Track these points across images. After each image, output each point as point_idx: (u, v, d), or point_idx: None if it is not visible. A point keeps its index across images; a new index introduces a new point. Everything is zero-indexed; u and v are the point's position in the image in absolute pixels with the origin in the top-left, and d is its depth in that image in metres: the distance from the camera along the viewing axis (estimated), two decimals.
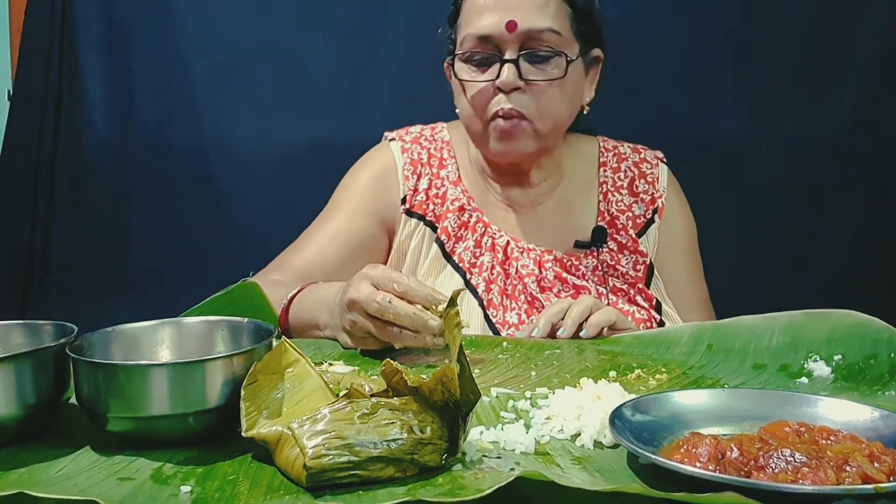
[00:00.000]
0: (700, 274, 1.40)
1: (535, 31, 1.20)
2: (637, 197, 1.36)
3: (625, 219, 1.34)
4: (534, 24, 1.20)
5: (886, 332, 0.91)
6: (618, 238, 1.33)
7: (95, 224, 2.08)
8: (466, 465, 0.64)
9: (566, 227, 1.34)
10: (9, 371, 0.68)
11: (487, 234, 1.31)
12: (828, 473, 0.57)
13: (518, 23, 1.19)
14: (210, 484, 0.63)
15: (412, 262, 1.33)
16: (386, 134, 1.43)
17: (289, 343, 0.74)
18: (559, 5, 1.23)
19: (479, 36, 1.21)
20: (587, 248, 1.32)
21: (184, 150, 2.00)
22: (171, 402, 0.68)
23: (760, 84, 1.88)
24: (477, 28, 1.21)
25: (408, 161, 1.36)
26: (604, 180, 1.37)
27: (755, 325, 0.99)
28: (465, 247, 1.31)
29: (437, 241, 1.32)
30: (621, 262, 1.32)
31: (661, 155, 1.41)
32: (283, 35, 2.01)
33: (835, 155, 1.89)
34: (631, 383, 0.88)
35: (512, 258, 1.30)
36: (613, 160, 1.39)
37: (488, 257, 1.30)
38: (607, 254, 1.32)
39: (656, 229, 1.35)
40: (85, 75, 2.04)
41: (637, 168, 1.38)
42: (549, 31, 1.21)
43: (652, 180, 1.37)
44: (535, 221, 1.34)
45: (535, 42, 1.21)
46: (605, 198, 1.36)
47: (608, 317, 1.10)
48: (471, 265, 1.30)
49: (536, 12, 1.21)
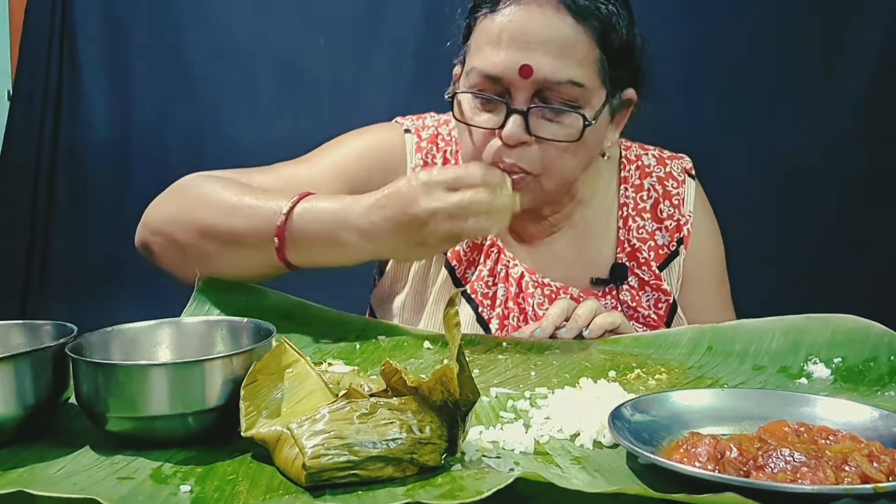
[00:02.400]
0: (727, 301, 1.28)
1: (552, 82, 1.02)
2: (661, 224, 1.22)
3: (647, 250, 1.21)
4: (552, 75, 1.02)
5: (887, 336, 0.91)
6: (639, 273, 1.21)
7: (95, 224, 2.09)
8: (466, 464, 0.64)
9: (583, 260, 1.22)
10: (8, 371, 0.68)
11: (501, 263, 1.19)
12: (827, 473, 0.57)
13: (534, 69, 1.01)
14: (209, 483, 0.63)
15: (417, 285, 1.22)
16: (399, 120, 1.27)
17: (288, 343, 0.74)
18: (589, 49, 1.04)
19: (487, 74, 1.05)
20: (605, 285, 1.20)
21: (184, 149, 2.01)
22: (170, 402, 0.68)
23: (761, 85, 1.88)
24: (486, 64, 1.04)
25: (419, 162, 1.22)
26: (624, 202, 1.23)
27: (755, 328, 0.99)
28: (479, 275, 1.19)
29: (447, 265, 1.21)
30: (642, 301, 1.20)
31: (689, 165, 1.27)
32: (283, 35, 2.01)
33: (834, 157, 1.89)
34: (630, 383, 0.88)
35: (526, 293, 1.17)
36: (636, 175, 1.24)
37: (502, 290, 1.18)
38: (627, 292, 1.20)
39: (681, 262, 1.22)
40: (85, 75, 2.05)
41: (662, 186, 1.23)
42: (570, 84, 1.03)
43: (678, 202, 1.23)
44: (550, 251, 1.22)
45: (551, 93, 1.03)
46: (625, 224, 1.22)
47: (613, 320, 1.07)
48: (484, 296, 1.19)
49: (558, 58, 1.02)
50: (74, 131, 2.06)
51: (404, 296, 1.23)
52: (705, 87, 1.90)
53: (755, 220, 1.89)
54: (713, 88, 1.90)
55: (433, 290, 1.21)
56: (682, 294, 1.23)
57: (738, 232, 1.82)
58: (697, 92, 1.89)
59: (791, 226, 1.91)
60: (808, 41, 1.87)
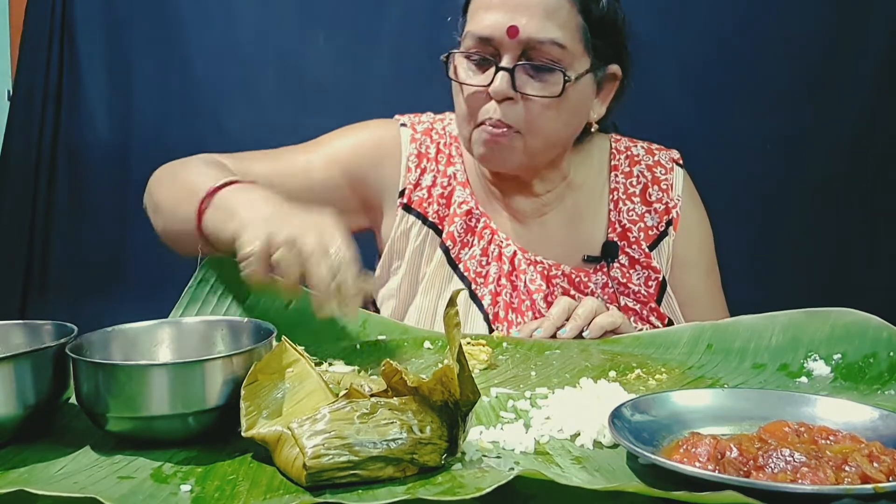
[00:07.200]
0: (717, 287, 1.32)
1: (536, 41, 1.11)
2: (650, 206, 1.28)
3: (637, 231, 1.26)
4: (536, 34, 1.11)
5: (886, 331, 0.90)
6: (629, 252, 1.26)
7: (95, 224, 2.09)
8: (466, 464, 0.65)
9: (575, 239, 1.27)
10: (9, 371, 0.68)
11: (494, 243, 1.25)
12: (827, 473, 0.57)
13: (520, 29, 1.11)
14: (210, 483, 0.63)
15: (412, 266, 1.27)
16: (398, 117, 1.34)
17: (289, 343, 0.74)
18: (570, 14, 1.13)
19: (479, 36, 1.14)
20: (597, 262, 1.25)
21: (184, 149, 2.00)
22: (170, 402, 0.68)
23: (763, 83, 1.88)
24: (478, 27, 1.14)
25: (414, 153, 1.28)
26: (615, 187, 1.28)
27: (755, 325, 0.99)
28: (472, 254, 1.25)
29: (441, 246, 1.26)
30: (633, 278, 1.25)
31: (677, 156, 1.32)
32: (283, 35, 2.01)
33: (834, 153, 1.89)
34: (631, 383, 0.88)
35: (519, 270, 1.23)
36: (625, 164, 1.30)
37: (495, 268, 1.23)
38: (618, 269, 1.25)
39: (670, 242, 1.27)
40: (85, 74, 2.05)
41: (651, 172, 1.29)
42: (552, 44, 1.12)
43: (666, 187, 1.28)
44: (543, 231, 1.27)
45: (535, 52, 1.12)
46: (615, 206, 1.28)
47: (613, 320, 1.08)
48: (476, 274, 1.24)
49: (542, 19, 1.11)
50: (74, 131, 2.06)
51: (400, 277, 1.27)
52: (705, 87, 1.90)
53: (753, 215, 1.89)
54: (711, 86, 1.90)
55: (428, 270, 1.26)
56: (672, 275, 1.27)
57: (736, 228, 1.83)
58: (695, 90, 1.89)
59: (791, 222, 1.91)
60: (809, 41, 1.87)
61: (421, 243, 1.27)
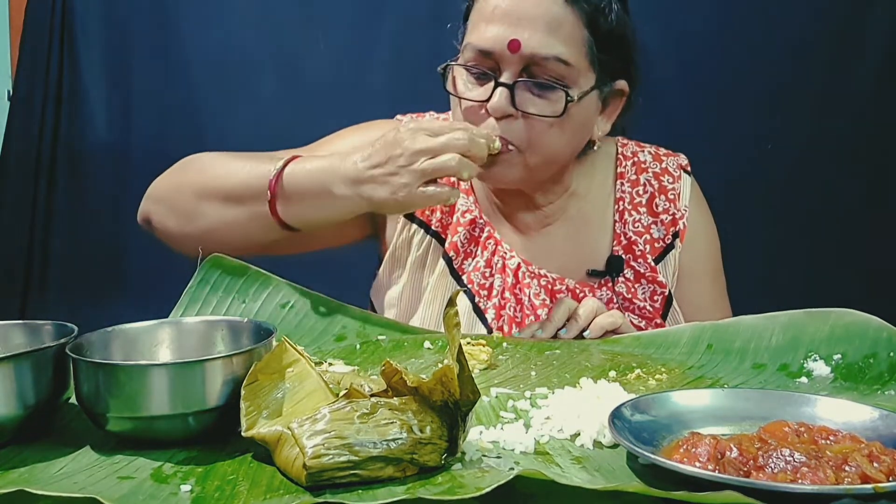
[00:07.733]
0: (723, 293, 1.29)
1: (539, 57, 1.06)
2: (657, 217, 1.23)
3: (643, 243, 1.22)
4: (539, 49, 1.05)
5: (886, 331, 0.90)
6: (635, 266, 1.22)
7: (95, 224, 2.09)
8: (466, 464, 0.64)
9: (579, 251, 1.23)
10: (9, 371, 0.68)
11: (498, 254, 1.21)
12: (827, 473, 0.57)
13: (522, 43, 1.05)
14: (210, 483, 0.63)
15: (414, 275, 1.23)
16: (399, 117, 1.30)
17: (289, 343, 0.74)
18: (576, 28, 1.07)
19: (479, 49, 1.08)
20: (601, 277, 1.21)
21: (183, 149, 2.00)
22: (170, 402, 0.68)
23: (764, 84, 1.88)
24: (478, 39, 1.08)
25: None
26: (620, 196, 1.24)
27: (755, 325, 0.99)
28: (475, 266, 1.21)
29: (444, 256, 1.22)
30: (638, 294, 1.21)
31: (685, 162, 1.27)
32: (283, 35, 2.01)
33: (835, 154, 1.90)
34: (631, 383, 0.88)
35: (522, 283, 1.19)
36: (632, 171, 1.25)
37: (498, 280, 1.20)
38: (623, 284, 1.21)
39: (676, 255, 1.22)
40: (85, 75, 2.05)
41: (658, 181, 1.24)
42: (556, 60, 1.06)
43: (673, 197, 1.24)
44: (547, 243, 1.24)
45: (537, 68, 1.07)
46: (621, 217, 1.23)
47: (614, 320, 1.08)
48: (480, 286, 1.21)
49: (546, 34, 1.05)
50: (74, 131, 2.06)
51: (401, 286, 1.24)
52: (704, 88, 1.90)
53: (753, 216, 1.89)
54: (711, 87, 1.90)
55: (431, 280, 1.22)
56: (678, 288, 1.23)
57: (737, 228, 1.83)
58: (696, 92, 1.89)
59: (791, 222, 1.92)
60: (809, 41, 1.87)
61: (423, 252, 1.24)
